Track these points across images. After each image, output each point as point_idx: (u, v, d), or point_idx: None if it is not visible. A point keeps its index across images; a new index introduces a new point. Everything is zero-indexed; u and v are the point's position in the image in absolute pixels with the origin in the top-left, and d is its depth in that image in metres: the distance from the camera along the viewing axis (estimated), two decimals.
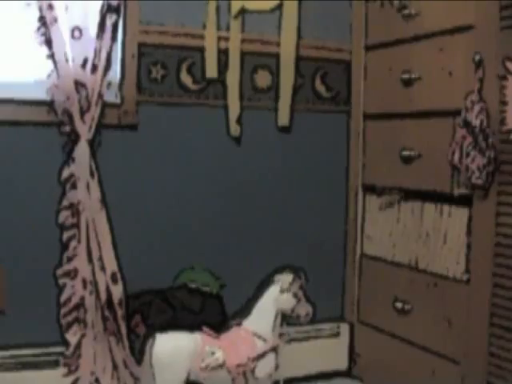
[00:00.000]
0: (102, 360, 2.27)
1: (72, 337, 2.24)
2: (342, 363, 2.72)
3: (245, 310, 2.12)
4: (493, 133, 2.03)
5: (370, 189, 2.69)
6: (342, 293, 2.75)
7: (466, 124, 2.08)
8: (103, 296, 2.25)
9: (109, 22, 2.22)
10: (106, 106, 2.27)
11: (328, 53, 2.66)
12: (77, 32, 2.18)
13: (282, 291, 2.09)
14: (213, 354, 2.03)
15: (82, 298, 2.24)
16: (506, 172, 2.02)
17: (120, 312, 2.26)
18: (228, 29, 2.47)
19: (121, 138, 2.34)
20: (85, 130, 2.21)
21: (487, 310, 2.07)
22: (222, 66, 2.47)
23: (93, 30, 2.21)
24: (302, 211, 2.65)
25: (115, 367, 2.29)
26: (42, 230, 2.23)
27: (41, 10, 2.14)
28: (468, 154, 2.08)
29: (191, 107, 2.45)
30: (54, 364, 2.25)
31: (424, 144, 2.34)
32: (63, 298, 2.23)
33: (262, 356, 2.06)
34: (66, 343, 2.24)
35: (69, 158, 2.22)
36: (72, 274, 2.24)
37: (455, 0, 2.18)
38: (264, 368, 2.06)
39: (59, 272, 2.23)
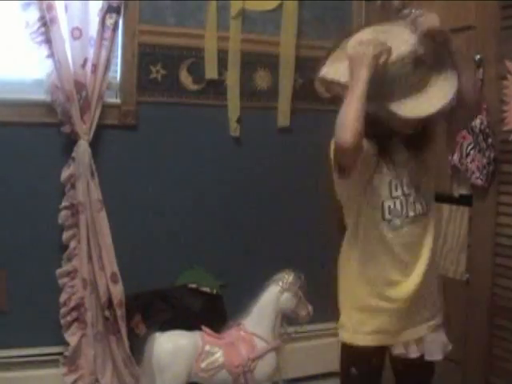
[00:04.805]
0: (101, 360, 2.28)
1: (72, 337, 2.24)
2: None
3: (245, 310, 2.12)
4: (493, 133, 2.03)
5: None
6: None
7: None
8: (103, 296, 2.25)
9: (109, 21, 2.22)
10: (105, 106, 2.28)
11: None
12: (77, 32, 2.17)
13: (282, 291, 2.08)
14: (213, 354, 2.03)
15: (82, 298, 2.24)
16: (505, 172, 2.02)
17: (120, 312, 2.26)
18: (228, 29, 2.47)
19: (121, 138, 2.34)
20: (85, 130, 2.21)
21: (487, 310, 2.07)
22: (222, 66, 2.47)
23: (93, 30, 2.21)
24: (302, 211, 2.65)
25: (115, 367, 2.29)
26: (42, 231, 2.23)
27: (41, 9, 2.14)
28: (468, 154, 2.08)
29: (191, 107, 2.45)
30: (54, 364, 2.25)
31: None
32: (63, 298, 2.23)
33: (261, 356, 2.06)
34: (66, 343, 2.24)
35: (69, 158, 2.22)
36: (72, 274, 2.24)
37: (455, 0, 2.18)
38: (264, 368, 2.06)
39: (59, 272, 2.24)
